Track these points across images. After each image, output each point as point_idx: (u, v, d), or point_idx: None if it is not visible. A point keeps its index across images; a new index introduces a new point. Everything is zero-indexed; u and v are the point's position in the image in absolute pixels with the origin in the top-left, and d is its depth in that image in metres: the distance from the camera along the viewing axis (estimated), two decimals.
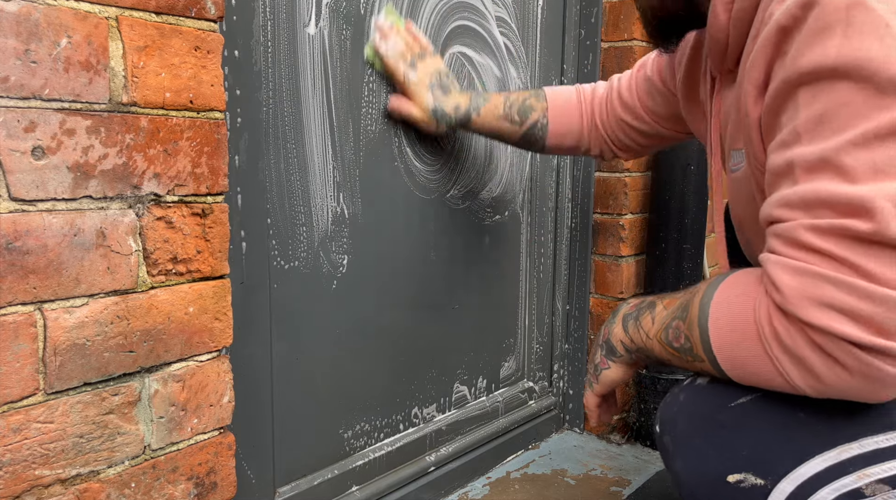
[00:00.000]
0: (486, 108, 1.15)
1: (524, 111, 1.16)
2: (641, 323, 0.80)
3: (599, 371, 0.88)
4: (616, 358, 0.86)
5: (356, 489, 1.16)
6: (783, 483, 0.65)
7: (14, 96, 0.64)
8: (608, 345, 0.86)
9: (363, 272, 1.14)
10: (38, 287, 0.67)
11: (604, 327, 0.88)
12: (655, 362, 0.81)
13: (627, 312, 0.84)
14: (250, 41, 0.91)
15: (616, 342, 0.85)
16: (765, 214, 0.65)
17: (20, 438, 0.67)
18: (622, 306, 0.87)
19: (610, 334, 0.86)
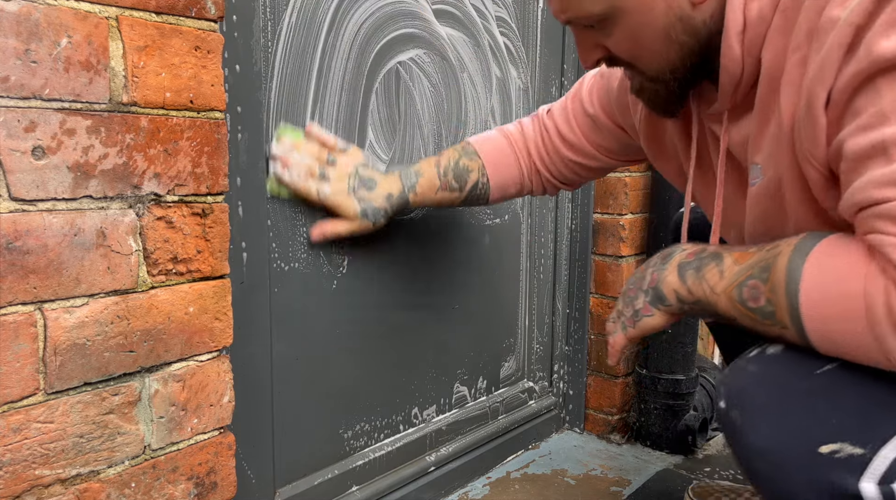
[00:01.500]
0: (422, 184, 1.07)
1: (461, 176, 1.09)
2: (705, 275, 0.76)
3: (640, 317, 0.84)
4: (663, 307, 0.82)
5: (356, 489, 1.16)
6: (885, 450, 0.62)
7: (14, 96, 0.64)
8: (656, 292, 0.82)
9: (363, 273, 1.14)
10: (38, 287, 0.67)
11: (648, 270, 0.84)
12: (712, 316, 0.77)
13: (684, 260, 0.79)
14: (250, 41, 0.91)
15: (668, 291, 0.80)
16: (855, 200, 0.64)
17: (20, 438, 0.67)
18: (674, 251, 0.82)
19: (660, 281, 0.81)
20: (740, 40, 0.73)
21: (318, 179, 1.00)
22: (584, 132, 1.09)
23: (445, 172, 1.09)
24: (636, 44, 0.77)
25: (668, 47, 0.77)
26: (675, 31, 0.75)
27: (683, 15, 0.74)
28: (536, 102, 1.47)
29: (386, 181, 1.06)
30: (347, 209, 1.02)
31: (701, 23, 0.75)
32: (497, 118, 1.38)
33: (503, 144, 1.13)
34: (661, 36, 0.76)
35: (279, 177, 0.97)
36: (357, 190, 1.03)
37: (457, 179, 1.09)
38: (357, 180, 1.03)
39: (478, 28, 1.30)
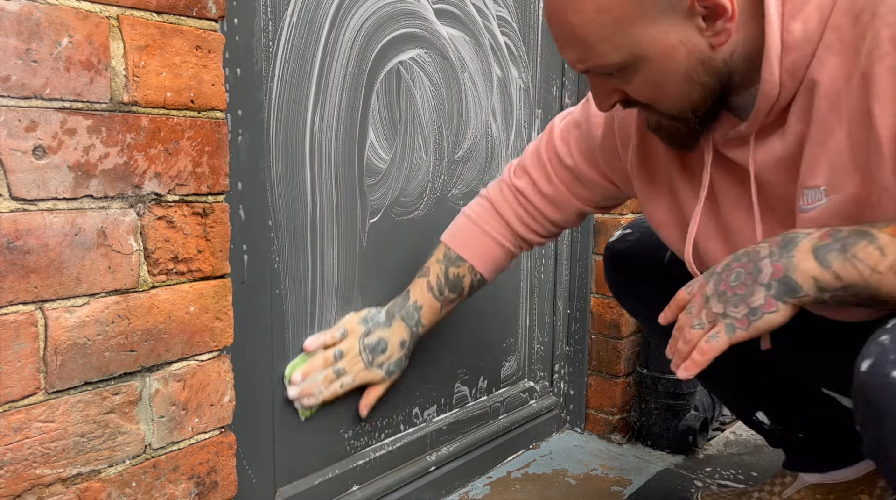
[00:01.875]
0: (425, 314, 1.12)
1: (456, 286, 1.12)
2: (857, 255, 0.69)
3: (760, 315, 0.74)
4: (793, 299, 0.73)
5: (357, 489, 1.16)
6: None
7: (15, 96, 0.64)
8: (786, 284, 0.73)
9: (365, 272, 1.14)
10: (39, 286, 0.67)
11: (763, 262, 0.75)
12: (868, 300, 0.71)
13: (819, 244, 0.71)
14: (251, 41, 0.91)
15: (803, 279, 0.71)
16: None
17: (21, 437, 0.67)
18: (796, 237, 0.74)
19: (790, 269, 0.72)
20: (779, 63, 0.72)
21: (337, 378, 1.07)
22: (566, 185, 1.07)
23: (440, 290, 1.12)
24: (657, 89, 0.76)
25: (689, 89, 0.76)
26: (696, 73, 0.74)
27: (704, 58, 0.73)
28: (537, 102, 1.47)
29: (393, 334, 1.10)
30: (374, 380, 1.10)
31: (722, 62, 0.74)
32: (498, 118, 1.38)
33: (481, 235, 1.12)
34: (682, 80, 0.75)
35: (307, 406, 1.05)
36: (373, 360, 1.09)
37: (453, 290, 1.13)
38: (367, 353, 1.09)
39: (479, 27, 1.30)
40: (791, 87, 0.74)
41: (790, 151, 0.77)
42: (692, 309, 0.80)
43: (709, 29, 0.71)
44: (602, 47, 0.73)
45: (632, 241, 1.16)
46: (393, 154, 1.17)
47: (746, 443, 1.60)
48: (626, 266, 1.17)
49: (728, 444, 1.60)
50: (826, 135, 0.72)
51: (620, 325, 1.56)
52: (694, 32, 0.71)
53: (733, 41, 0.72)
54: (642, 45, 0.71)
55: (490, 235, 1.12)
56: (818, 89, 0.72)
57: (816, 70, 0.72)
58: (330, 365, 1.06)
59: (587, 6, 0.70)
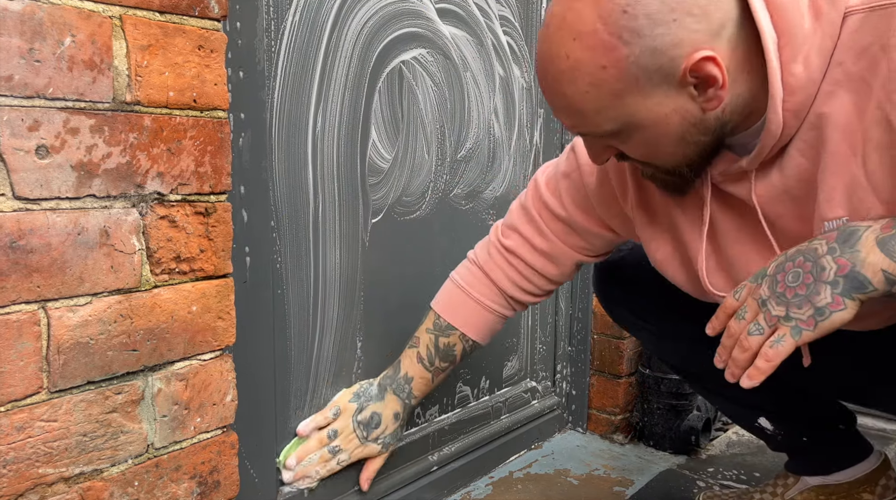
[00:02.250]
0: (416, 387, 1.12)
1: (447, 355, 1.12)
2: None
3: (828, 314, 0.71)
4: (861, 295, 0.70)
5: (359, 488, 1.16)
6: None
7: (18, 95, 0.64)
8: (854, 279, 0.70)
9: (367, 272, 1.14)
10: (41, 286, 0.67)
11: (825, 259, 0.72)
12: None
13: (883, 236, 0.69)
14: (254, 40, 0.91)
15: (873, 273, 0.69)
16: None
17: (24, 436, 0.67)
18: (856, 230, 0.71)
19: (857, 264, 0.69)
20: (783, 106, 0.73)
21: (333, 457, 1.07)
22: (560, 238, 1.05)
23: (431, 361, 1.12)
24: (652, 150, 0.77)
25: (684, 149, 0.77)
26: (690, 134, 0.75)
27: (697, 121, 0.74)
28: (540, 102, 1.47)
29: (386, 408, 1.11)
30: (371, 454, 1.11)
31: (714, 120, 0.74)
32: (500, 117, 1.38)
33: (471, 303, 1.10)
34: (677, 141, 0.75)
35: (305, 487, 1.06)
36: (368, 435, 1.10)
37: (444, 359, 1.12)
38: (361, 429, 1.10)
39: (481, 27, 1.30)
40: (794, 124, 0.74)
41: (789, 185, 0.78)
42: (745, 315, 0.77)
43: (700, 96, 0.72)
44: (596, 118, 0.74)
45: (625, 251, 1.13)
46: (395, 154, 1.17)
47: (749, 443, 1.59)
48: (621, 277, 1.14)
49: (731, 444, 1.60)
50: (841, 167, 0.72)
51: None
52: (686, 100, 0.72)
53: (725, 100, 0.73)
54: (636, 115, 0.72)
55: (480, 303, 1.10)
56: (829, 122, 0.72)
57: (823, 104, 0.72)
58: (325, 445, 1.07)
59: (581, 80, 0.71)
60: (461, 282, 1.11)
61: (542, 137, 1.49)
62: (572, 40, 0.70)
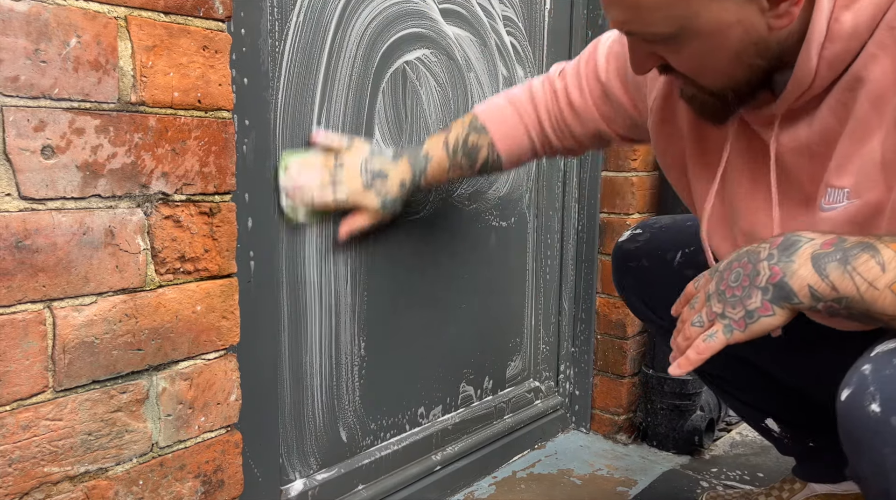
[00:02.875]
0: (432, 166, 1.08)
1: (470, 153, 1.08)
2: (857, 269, 0.66)
3: (756, 318, 0.72)
4: (788, 305, 0.70)
5: (362, 488, 1.17)
6: None
7: (24, 96, 0.64)
8: (780, 288, 0.70)
9: (371, 273, 1.15)
10: (47, 285, 0.67)
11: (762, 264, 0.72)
12: (860, 315, 0.68)
13: (819, 251, 0.69)
14: (258, 41, 0.92)
15: (798, 287, 0.69)
16: None
17: (29, 435, 0.67)
18: (798, 240, 0.71)
19: (787, 275, 0.70)
20: (819, 51, 0.69)
21: (331, 186, 1.01)
22: (593, 99, 1.04)
23: (454, 151, 1.08)
24: (701, 65, 0.74)
25: (735, 69, 0.73)
26: (747, 54, 0.71)
27: (759, 39, 0.70)
28: None
29: (396, 170, 1.06)
30: (369, 204, 1.04)
31: (776, 44, 0.71)
32: None
33: (512, 116, 1.09)
34: (731, 59, 0.72)
35: (297, 205, 0.99)
36: (372, 183, 1.04)
37: (466, 156, 1.08)
38: (367, 174, 1.04)
39: (485, 28, 1.30)
40: (827, 77, 0.71)
41: (813, 141, 0.75)
42: (695, 304, 0.79)
43: (772, 10, 0.67)
44: (653, 15, 0.69)
45: (642, 241, 1.14)
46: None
47: (752, 444, 1.59)
48: (636, 267, 1.15)
49: (734, 445, 1.60)
50: (864, 135, 0.70)
51: (626, 325, 1.56)
52: (755, 12, 0.67)
53: (792, 24, 0.69)
54: (697, 18, 0.67)
55: (521, 118, 1.09)
56: (864, 87, 0.69)
57: (863, 67, 0.69)
58: (329, 170, 1.01)
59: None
60: (510, 96, 1.11)
61: None
62: None
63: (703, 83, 0.76)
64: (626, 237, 1.18)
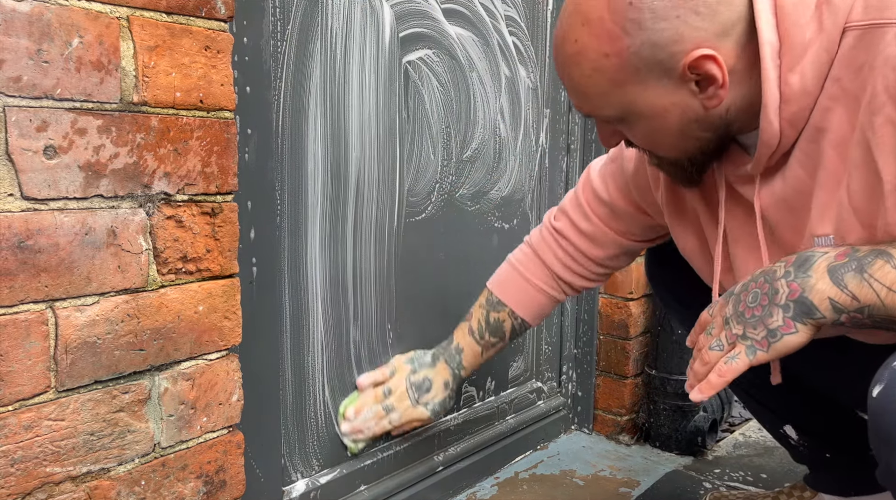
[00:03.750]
0: (466, 358, 1.16)
1: (496, 330, 1.15)
2: (874, 275, 0.67)
3: (779, 337, 0.73)
4: (811, 320, 0.71)
5: (364, 489, 1.17)
6: None
7: (26, 96, 0.64)
8: (801, 304, 0.71)
9: (373, 273, 1.15)
10: (49, 285, 0.67)
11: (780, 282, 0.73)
12: (885, 321, 0.68)
13: (835, 263, 0.70)
14: (260, 41, 0.92)
15: (819, 301, 0.70)
16: None
17: (32, 435, 0.67)
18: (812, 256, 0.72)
19: (805, 290, 0.71)
20: (778, 114, 0.73)
21: (386, 415, 1.13)
22: (603, 221, 1.08)
23: (481, 335, 1.15)
24: (653, 140, 0.79)
25: (684, 142, 0.78)
26: (690, 129, 0.76)
27: (699, 117, 0.75)
28: (546, 102, 1.47)
29: (437, 374, 1.16)
30: (420, 418, 1.15)
31: (717, 118, 0.75)
32: (506, 117, 1.37)
33: (522, 282, 1.14)
34: (677, 135, 0.76)
35: (355, 442, 1.13)
36: (419, 399, 1.14)
37: (494, 334, 1.15)
38: (413, 391, 1.14)
39: (487, 27, 1.30)
40: (792, 134, 0.75)
41: (787, 194, 0.78)
42: (712, 330, 0.79)
43: (702, 93, 0.72)
44: (599, 101, 0.76)
45: None
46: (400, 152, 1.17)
47: (756, 445, 1.59)
48: (671, 262, 1.13)
49: (737, 445, 1.59)
50: (835, 184, 0.73)
51: (629, 325, 1.56)
52: (687, 95, 0.73)
53: (727, 100, 0.73)
54: (636, 104, 0.74)
55: (530, 282, 1.13)
56: (826, 138, 0.72)
57: (821, 119, 0.72)
58: (380, 402, 1.13)
59: (586, 65, 0.74)
60: (514, 262, 1.15)
61: (547, 138, 1.49)
62: (581, 25, 0.72)
63: (660, 154, 0.82)
64: None
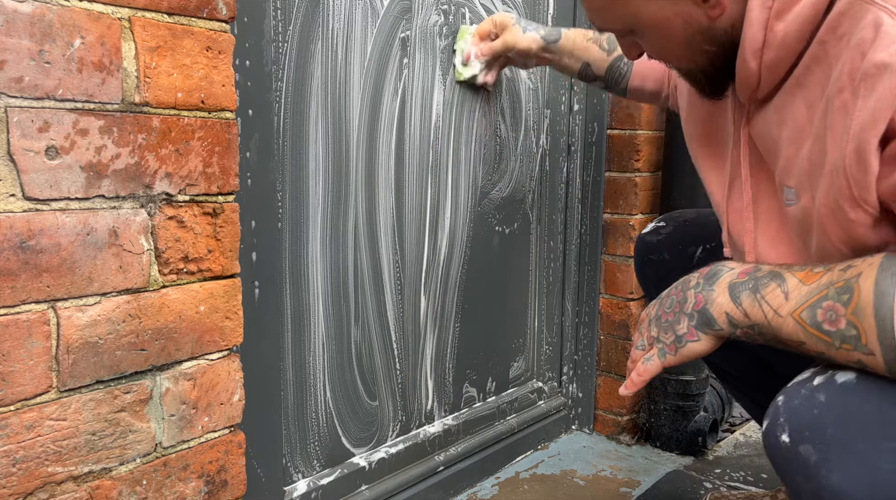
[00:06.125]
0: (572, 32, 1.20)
1: (613, 42, 1.16)
2: (765, 297, 0.71)
3: (684, 343, 0.77)
4: (711, 331, 0.75)
5: (365, 489, 1.17)
6: None
7: (28, 96, 0.64)
8: (703, 315, 0.75)
9: (374, 274, 1.15)
10: (51, 286, 0.67)
11: (690, 291, 0.78)
12: (773, 341, 0.72)
13: (735, 280, 0.74)
14: (261, 42, 0.92)
15: (717, 313, 0.74)
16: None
17: (33, 435, 0.67)
18: (719, 270, 0.76)
19: (707, 302, 0.75)
20: (758, 57, 0.74)
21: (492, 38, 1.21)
22: None
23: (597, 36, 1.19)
24: (663, 51, 0.82)
25: (693, 54, 0.80)
26: (696, 41, 0.78)
27: (703, 28, 0.76)
28: (546, 102, 1.47)
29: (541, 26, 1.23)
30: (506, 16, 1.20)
31: (722, 32, 0.76)
32: (507, 118, 1.38)
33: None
34: (684, 46, 0.79)
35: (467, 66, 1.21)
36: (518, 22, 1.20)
37: (609, 42, 1.18)
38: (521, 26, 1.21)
39: None
40: (770, 79, 0.76)
41: (765, 133, 0.81)
42: (641, 329, 0.85)
43: (705, 2, 0.74)
44: (607, 15, 0.80)
45: (664, 234, 1.16)
46: (401, 152, 1.18)
47: (756, 445, 1.59)
48: (656, 260, 1.17)
49: (738, 445, 1.59)
50: (800, 141, 0.75)
51: (629, 326, 1.56)
52: (690, 5, 0.75)
53: (731, 14, 0.75)
54: (640, 15, 0.77)
55: None
56: (802, 94, 0.74)
57: (803, 75, 0.74)
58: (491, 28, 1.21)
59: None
60: None
61: (548, 138, 1.49)
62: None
63: (675, 66, 0.86)
64: (649, 229, 1.20)
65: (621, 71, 1.18)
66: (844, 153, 0.67)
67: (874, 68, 0.64)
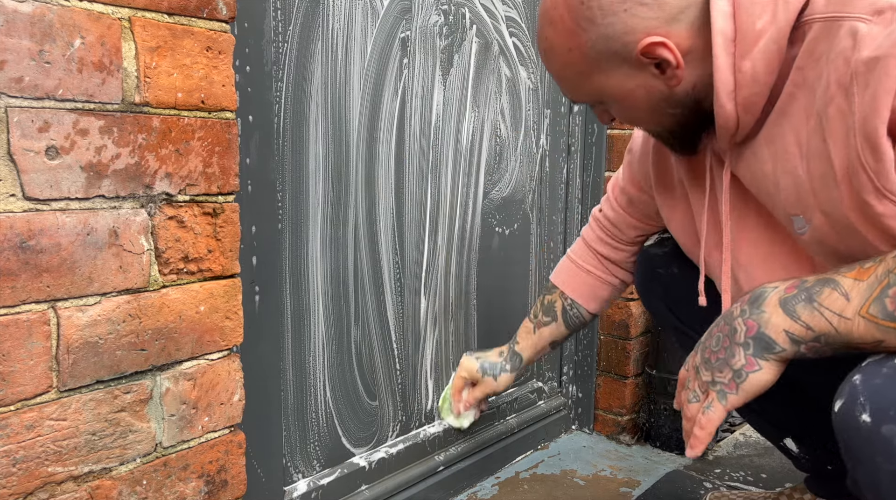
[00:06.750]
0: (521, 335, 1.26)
1: (549, 310, 1.22)
2: (823, 303, 0.68)
3: (744, 376, 0.72)
4: (773, 355, 0.71)
5: (365, 488, 1.17)
6: None
7: (28, 97, 0.64)
8: (760, 340, 0.71)
9: (374, 274, 1.15)
10: (51, 286, 0.67)
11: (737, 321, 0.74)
12: (843, 348, 0.68)
13: (785, 296, 0.71)
14: (261, 42, 0.92)
15: (776, 334, 0.70)
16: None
17: (34, 435, 0.68)
18: (763, 292, 0.73)
19: (761, 325, 0.71)
20: (732, 98, 0.76)
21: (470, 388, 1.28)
22: (623, 208, 1.14)
23: (535, 315, 1.24)
24: (632, 117, 0.85)
25: (659, 117, 0.83)
26: (660, 107, 0.81)
27: (664, 95, 0.79)
28: (546, 103, 1.47)
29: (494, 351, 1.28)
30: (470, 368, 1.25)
31: (684, 95, 0.79)
32: (507, 118, 1.38)
33: (570, 265, 1.23)
34: (650, 112, 0.82)
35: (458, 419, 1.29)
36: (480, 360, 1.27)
37: (546, 313, 1.23)
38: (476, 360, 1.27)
39: (488, 28, 1.30)
40: (749, 117, 0.77)
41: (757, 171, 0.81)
42: (689, 383, 0.79)
43: (663, 74, 0.77)
44: (575, 89, 0.84)
45: (669, 246, 1.14)
46: (401, 153, 1.18)
47: (756, 445, 1.59)
48: (662, 273, 1.15)
49: (738, 445, 1.59)
50: (793, 168, 0.75)
51: (629, 326, 1.56)
52: (649, 78, 0.78)
53: (690, 78, 0.77)
54: (605, 89, 0.80)
55: (576, 263, 1.22)
56: (788, 122, 0.75)
57: (786, 104, 0.75)
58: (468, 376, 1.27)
59: (557, 59, 0.82)
60: (569, 252, 1.25)
61: (548, 139, 1.49)
62: (549, 25, 0.80)
63: (644, 128, 0.90)
64: (653, 241, 1.19)
65: (574, 317, 1.22)
66: (857, 149, 0.67)
67: (863, 65, 0.65)
